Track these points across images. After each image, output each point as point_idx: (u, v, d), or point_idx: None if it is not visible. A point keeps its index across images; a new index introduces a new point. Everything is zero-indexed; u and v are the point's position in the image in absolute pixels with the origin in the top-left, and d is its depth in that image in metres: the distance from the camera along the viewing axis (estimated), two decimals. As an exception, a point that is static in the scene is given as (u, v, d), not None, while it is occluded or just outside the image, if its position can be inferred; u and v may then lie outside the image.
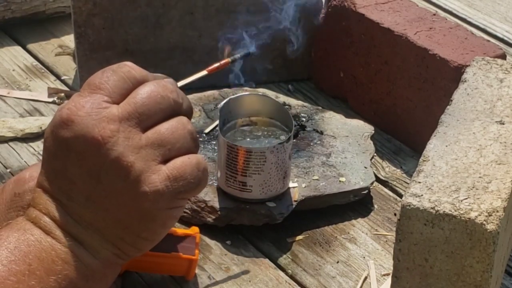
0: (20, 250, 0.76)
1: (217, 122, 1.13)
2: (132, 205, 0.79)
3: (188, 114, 0.83)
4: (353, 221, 1.08)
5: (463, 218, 0.81)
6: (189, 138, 0.81)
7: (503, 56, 1.13)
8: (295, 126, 1.11)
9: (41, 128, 1.22)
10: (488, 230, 0.80)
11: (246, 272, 1.00)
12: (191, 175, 0.80)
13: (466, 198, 0.82)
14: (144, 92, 0.80)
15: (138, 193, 0.78)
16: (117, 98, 0.80)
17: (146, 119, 0.79)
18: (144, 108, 0.79)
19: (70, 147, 0.78)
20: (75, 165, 0.78)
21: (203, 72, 0.95)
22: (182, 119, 0.81)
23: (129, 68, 0.81)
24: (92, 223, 0.79)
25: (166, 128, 0.80)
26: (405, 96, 1.19)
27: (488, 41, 1.19)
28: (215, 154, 1.10)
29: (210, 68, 0.96)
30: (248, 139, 1.07)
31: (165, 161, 0.79)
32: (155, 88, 0.80)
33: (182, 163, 0.80)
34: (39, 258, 0.76)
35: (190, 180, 0.80)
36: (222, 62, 0.99)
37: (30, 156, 1.18)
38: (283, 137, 1.04)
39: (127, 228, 0.80)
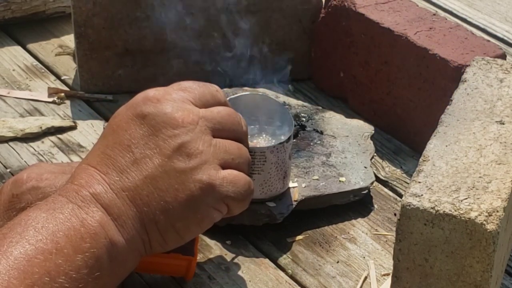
0: (47, 229, 0.76)
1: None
2: (183, 189, 0.83)
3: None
4: (353, 221, 1.08)
5: (463, 218, 0.81)
6: (248, 163, 0.90)
7: (503, 56, 1.13)
8: (295, 126, 1.11)
9: (41, 128, 1.22)
10: (488, 230, 0.80)
11: (246, 272, 1.00)
12: (243, 187, 0.87)
13: (466, 198, 0.82)
14: (225, 110, 0.89)
15: (194, 178, 0.84)
16: (200, 105, 0.87)
17: (220, 130, 0.87)
18: (223, 121, 0.88)
19: (146, 120, 0.84)
20: (143, 138, 0.83)
21: None
22: (242, 145, 0.90)
23: (216, 89, 0.91)
24: (133, 198, 0.82)
25: (235, 143, 0.89)
26: (405, 96, 1.19)
27: (488, 41, 1.19)
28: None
29: None
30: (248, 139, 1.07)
31: (224, 168, 0.87)
32: (234, 113, 0.90)
33: (238, 174, 0.88)
34: (67, 236, 0.77)
35: (241, 191, 0.87)
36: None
37: (30, 156, 1.18)
38: (283, 137, 1.04)
39: (167, 211, 0.83)
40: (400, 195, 1.13)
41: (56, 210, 0.78)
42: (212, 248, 1.03)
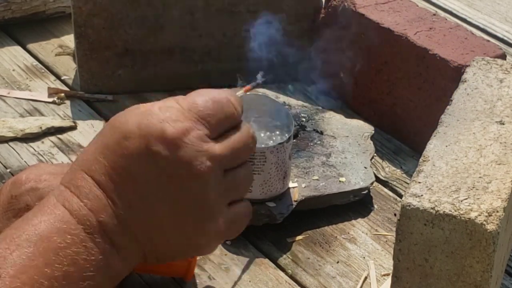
0: (57, 255, 0.75)
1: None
2: (191, 241, 0.83)
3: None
4: (353, 221, 1.08)
5: (463, 218, 0.81)
6: (249, 186, 0.88)
7: (503, 56, 1.13)
8: (295, 126, 1.11)
9: (41, 128, 1.22)
10: (488, 230, 0.80)
11: (246, 272, 1.00)
12: (244, 225, 0.87)
13: (466, 198, 0.82)
14: (241, 142, 0.84)
15: (204, 231, 0.83)
16: (216, 136, 0.83)
17: (232, 164, 0.84)
18: (236, 156, 0.84)
19: (161, 163, 0.79)
20: (155, 180, 0.79)
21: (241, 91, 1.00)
22: (249, 167, 0.87)
23: (234, 110, 0.85)
24: (141, 239, 0.80)
25: (243, 174, 0.85)
26: (405, 96, 1.19)
27: (488, 41, 1.19)
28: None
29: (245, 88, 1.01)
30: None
31: (231, 203, 0.85)
32: (247, 138, 0.85)
33: (243, 211, 0.86)
34: (74, 264, 0.76)
35: (241, 230, 0.87)
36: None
37: (30, 156, 1.18)
38: (283, 137, 1.04)
39: (171, 250, 0.83)
40: (400, 195, 1.13)
41: (67, 233, 0.77)
42: (212, 248, 1.03)
